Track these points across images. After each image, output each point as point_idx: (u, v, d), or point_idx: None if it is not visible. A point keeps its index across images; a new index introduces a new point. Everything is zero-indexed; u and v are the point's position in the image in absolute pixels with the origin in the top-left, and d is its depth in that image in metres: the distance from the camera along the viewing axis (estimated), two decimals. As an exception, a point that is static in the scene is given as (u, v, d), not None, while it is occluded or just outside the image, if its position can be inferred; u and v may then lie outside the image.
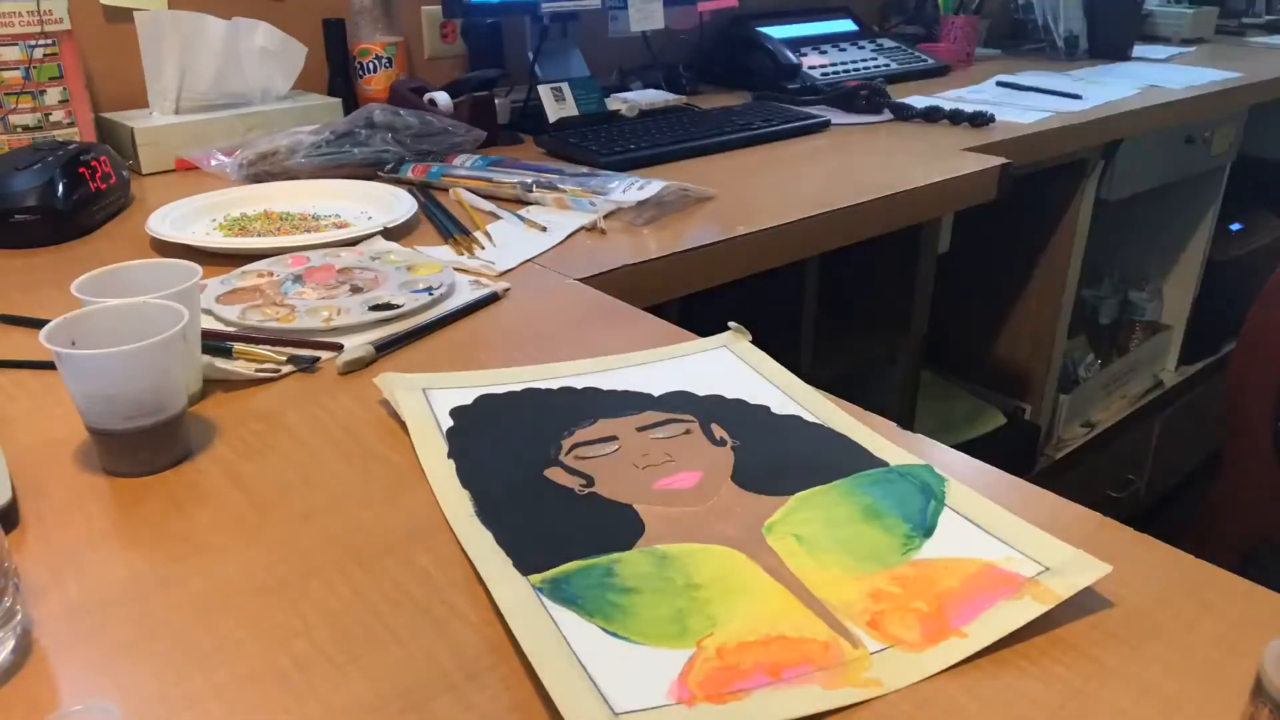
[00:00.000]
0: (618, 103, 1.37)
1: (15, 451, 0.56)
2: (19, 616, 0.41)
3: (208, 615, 0.43)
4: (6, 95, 1.07)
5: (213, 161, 1.10)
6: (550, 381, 0.63)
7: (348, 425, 0.59)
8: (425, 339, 0.71)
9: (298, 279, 0.78)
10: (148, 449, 0.53)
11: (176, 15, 1.17)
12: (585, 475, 0.52)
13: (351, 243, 0.88)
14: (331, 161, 1.09)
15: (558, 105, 1.31)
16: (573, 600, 0.42)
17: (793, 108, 1.43)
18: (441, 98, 1.26)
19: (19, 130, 1.09)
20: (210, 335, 0.66)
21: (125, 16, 1.21)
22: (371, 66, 1.34)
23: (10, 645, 0.40)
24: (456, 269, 0.82)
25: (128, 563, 0.46)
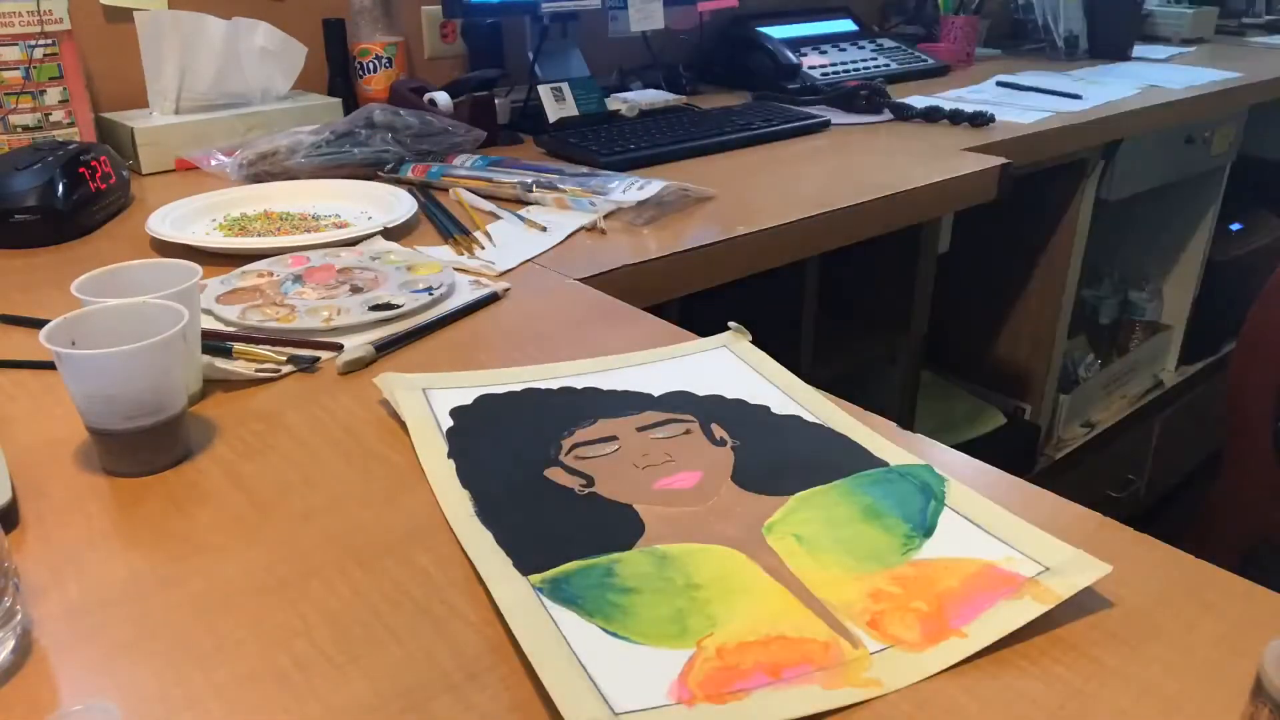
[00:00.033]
0: (618, 103, 1.37)
1: (15, 451, 0.56)
2: (19, 616, 0.41)
3: (208, 615, 0.43)
4: (6, 95, 1.07)
5: (213, 161, 1.10)
6: (550, 381, 0.63)
7: (348, 425, 0.59)
8: (425, 339, 0.71)
9: (298, 279, 0.78)
10: (148, 449, 0.53)
11: (176, 15, 1.17)
12: (585, 475, 0.52)
13: (351, 243, 0.89)
14: (331, 161, 1.09)
15: (558, 105, 1.31)
16: (573, 600, 0.42)
17: (793, 108, 1.43)
18: (441, 98, 1.26)
19: (19, 130, 1.09)
20: (210, 335, 0.66)
21: (125, 16, 1.21)
22: (371, 66, 1.34)
23: (10, 645, 0.40)
24: (456, 269, 0.82)
25: (128, 563, 0.46)
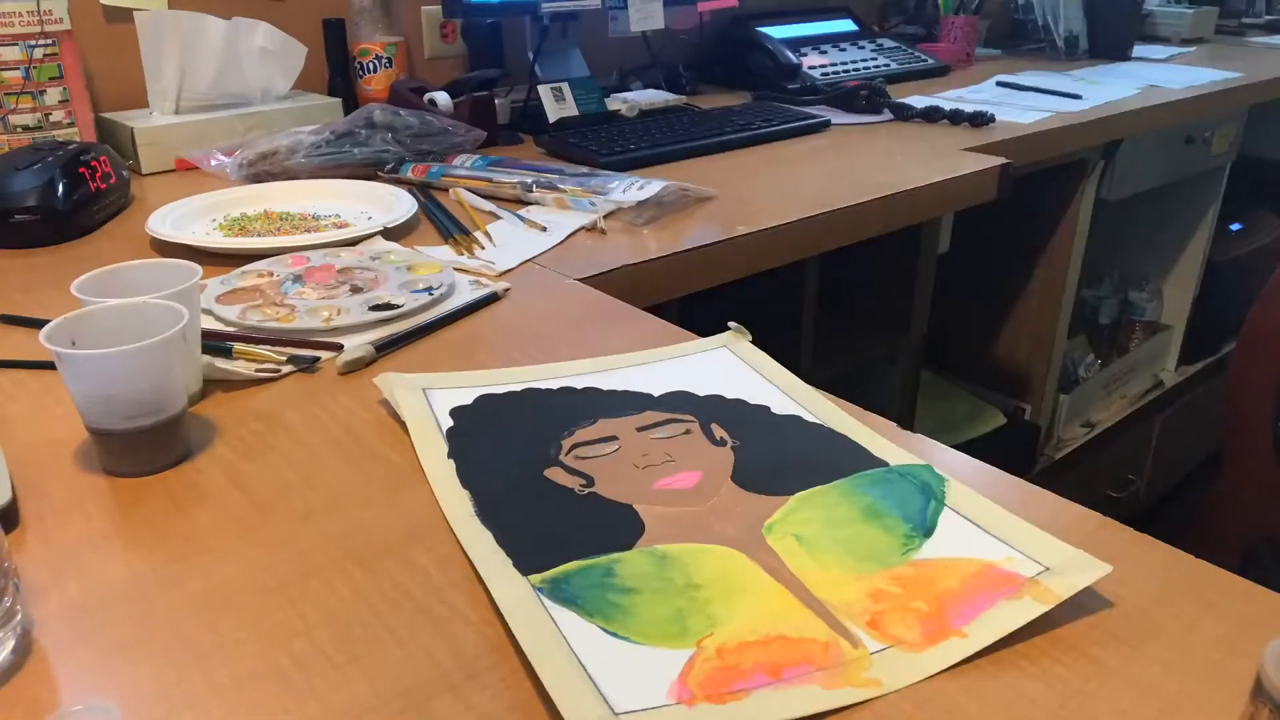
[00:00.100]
0: (618, 103, 1.37)
1: (15, 451, 0.56)
2: (19, 616, 0.41)
3: (208, 615, 0.43)
4: (6, 95, 1.07)
5: (213, 161, 1.10)
6: (550, 381, 0.63)
7: (348, 425, 0.59)
8: (425, 339, 0.71)
9: (298, 279, 0.78)
10: (148, 449, 0.53)
11: (176, 15, 1.17)
12: (585, 475, 0.52)
13: (351, 243, 0.89)
14: (331, 161, 1.09)
15: (558, 105, 1.31)
16: (573, 600, 0.42)
17: (793, 108, 1.43)
18: (441, 98, 1.26)
19: (19, 130, 1.09)
20: (210, 335, 0.66)
21: (125, 16, 1.21)
22: (371, 66, 1.34)
23: (10, 645, 0.40)
24: (456, 269, 0.82)
25: (128, 563, 0.46)
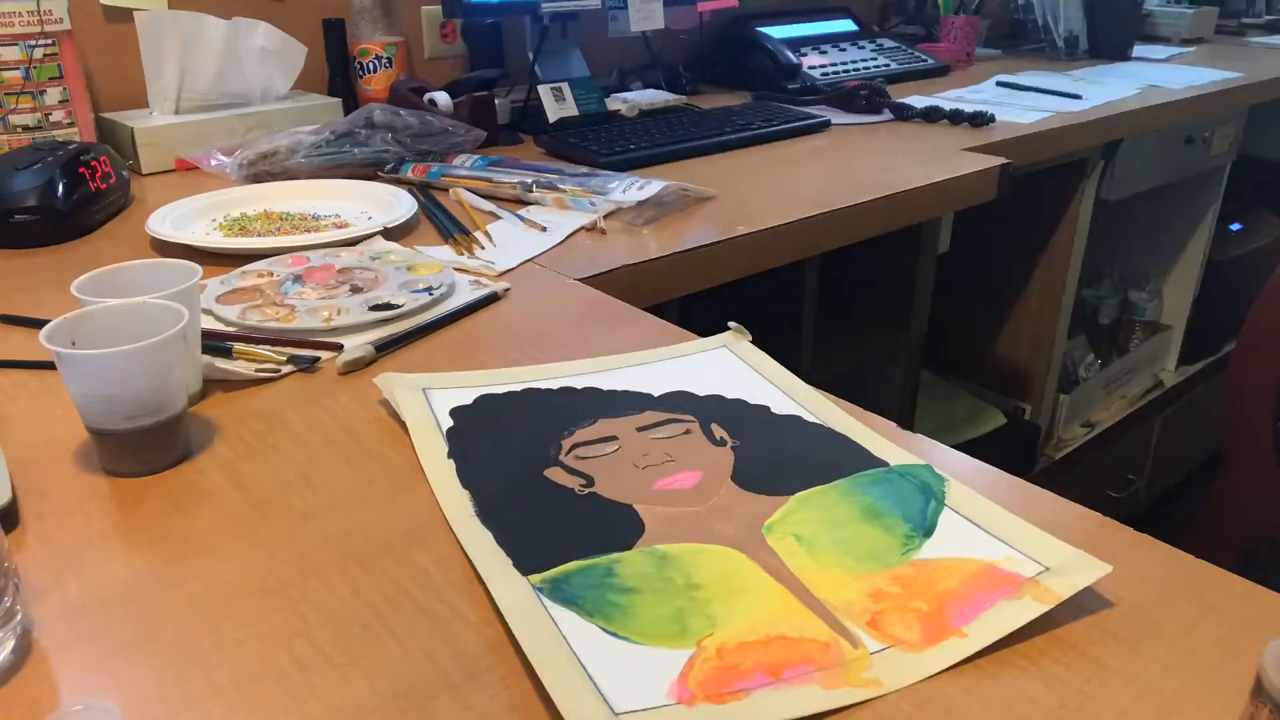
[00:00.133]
0: (618, 103, 1.37)
1: (15, 451, 0.56)
2: (19, 616, 0.41)
3: (208, 615, 0.43)
4: (6, 95, 1.07)
5: (213, 161, 1.10)
6: (550, 381, 0.63)
7: (348, 425, 0.59)
8: (425, 339, 0.71)
9: (298, 279, 0.78)
10: (148, 449, 0.53)
11: (176, 15, 1.17)
12: (585, 475, 0.52)
13: (351, 243, 0.89)
14: (331, 161, 1.09)
15: (558, 105, 1.31)
16: (573, 600, 0.42)
17: (793, 108, 1.43)
18: (441, 98, 1.26)
19: (19, 130, 1.09)
20: (210, 335, 0.66)
21: (125, 16, 1.21)
22: (371, 66, 1.34)
23: (10, 645, 0.40)
24: (456, 269, 0.82)
25: (128, 563, 0.46)
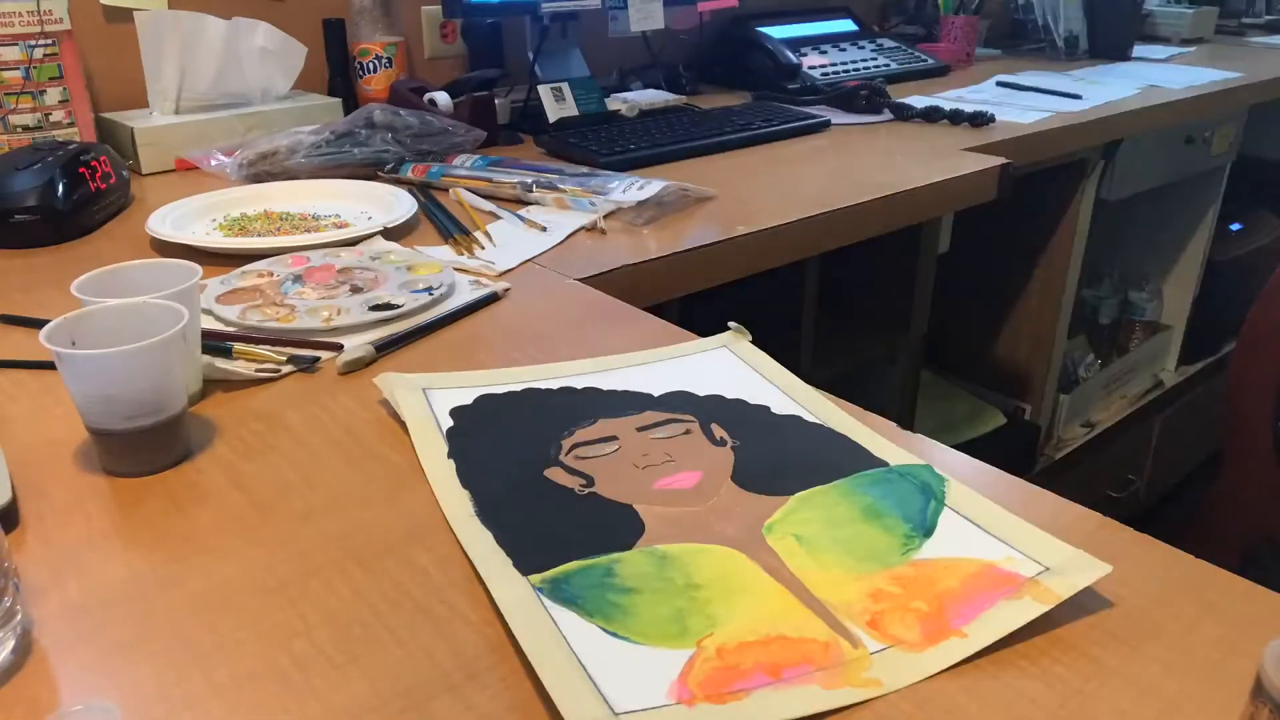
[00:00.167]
0: (618, 103, 1.37)
1: (15, 451, 0.56)
2: (19, 616, 0.41)
3: (208, 615, 0.43)
4: (6, 95, 1.07)
5: (213, 161, 1.10)
6: (550, 381, 0.63)
7: (348, 425, 0.59)
8: (425, 339, 0.71)
9: (298, 279, 0.78)
10: (148, 449, 0.53)
11: (176, 15, 1.17)
12: (585, 475, 0.52)
13: (351, 243, 0.89)
14: (331, 161, 1.09)
15: (558, 105, 1.31)
16: (573, 600, 0.42)
17: (793, 108, 1.43)
18: (441, 98, 1.26)
19: (19, 130, 1.09)
20: (210, 335, 0.66)
21: (125, 16, 1.21)
22: (371, 66, 1.34)
23: (10, 645, 0.40)
24: (456, 269, 0.82)
25: (128, 563, 0.46)
